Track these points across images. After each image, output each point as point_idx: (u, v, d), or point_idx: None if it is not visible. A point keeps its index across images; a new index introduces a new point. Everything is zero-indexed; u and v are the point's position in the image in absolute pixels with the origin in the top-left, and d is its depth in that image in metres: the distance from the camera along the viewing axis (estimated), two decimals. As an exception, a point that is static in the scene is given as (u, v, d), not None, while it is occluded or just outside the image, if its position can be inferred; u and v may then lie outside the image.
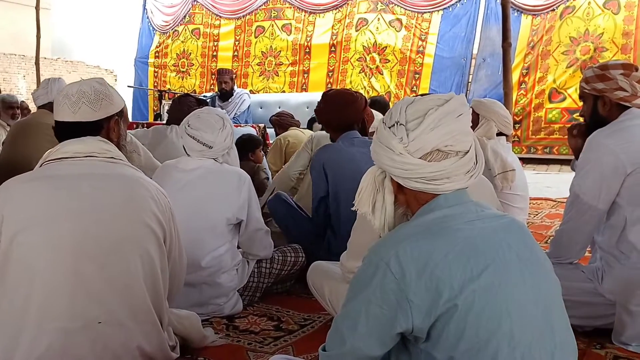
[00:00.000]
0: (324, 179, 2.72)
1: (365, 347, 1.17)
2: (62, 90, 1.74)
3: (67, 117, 1.69)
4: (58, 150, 1.68)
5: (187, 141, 2.45)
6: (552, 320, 1.16)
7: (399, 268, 1.11)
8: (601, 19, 7.51)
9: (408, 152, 1.20)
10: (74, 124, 1.69)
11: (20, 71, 15.26)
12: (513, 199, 3.35)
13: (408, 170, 1.20)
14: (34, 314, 1.53)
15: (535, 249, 1.23)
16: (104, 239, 1.58)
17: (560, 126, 7.69)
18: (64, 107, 1.69)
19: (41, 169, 1.68)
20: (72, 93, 1.70)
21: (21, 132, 3.52)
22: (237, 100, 6.53)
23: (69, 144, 1.68)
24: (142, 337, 1.65)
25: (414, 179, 1.21)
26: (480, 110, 3.30)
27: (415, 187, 1.22)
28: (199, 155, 2.43)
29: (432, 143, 1.18)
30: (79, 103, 1.68)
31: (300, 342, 2.21)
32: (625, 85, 2.12)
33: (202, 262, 2.33)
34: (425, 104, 1.22)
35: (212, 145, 2.42)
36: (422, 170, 1.19)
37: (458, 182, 1.20)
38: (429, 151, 1.19)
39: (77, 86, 1.72)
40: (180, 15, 10.63)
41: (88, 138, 1.69)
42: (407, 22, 8.67)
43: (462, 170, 1.20)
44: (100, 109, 1.71)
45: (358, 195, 1.35)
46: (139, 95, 10.82)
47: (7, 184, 1.63)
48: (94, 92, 1.71)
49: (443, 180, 1.20)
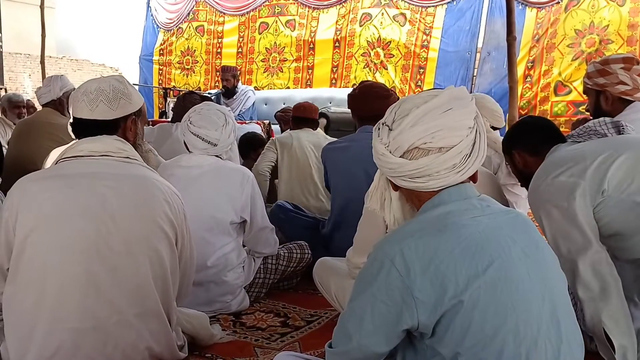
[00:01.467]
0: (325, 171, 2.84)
1: (371, 344, 1.17)
2: (81, 87, 1.73)
3: (84, 114, 1.69)
4: (74, 148, 1.68)
5: (189, 139, 2.42)
6: (558, 314, 1.16)
7: (404, 265, 1.12)
8: (606, 11, 7.46)
9: (389, 152, 1.22)
10: (91, 122, 1.69)
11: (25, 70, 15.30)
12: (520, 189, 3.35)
13: (392, 169, 1.23)
14: (46, 314, 1.54)
15: (540, 244, 1.23)
16: (115, 240, 1.58)
17: (566, 119, 7.65)
18: (81, 104, 1.69)
19: (56, 167, 1.68)
20: (90, 90, 1.69)
21: (25, 130, 3.53)
22: (241, 97, 6.53)
23: (85, 142, 1.68)
24: (151, 337, 1.66)
25: (399, 177, 1.23)
26: None
27: (404, 185, 1.24)
28: (202, 153, 2.41)
29: (409, 141, 1.19)
30: (97, 101, 1.68)
31: (307, 338, 2.22)
32: (626, 79, 2.12)
33: (208, 261, 2.33)
34: (412, 102, 1.22)
35: (216, 143, 2.40)
36: (403, 169, 1.20)
37: (443, 179, 1.19)
38: (406, 149, 1.19)
39: (97, 84, 1.71)
40: (184, 13, 10.62)
41: (104, 137, 1.69)
42: (411, 16, 8.64)
43: (443, 166, 1.18)
44: (118, 108, 1.70)
45: (370, 193, 1.40)
46: (144, 92, 10.80)
47: (21, 182, 1.63)
48: (112, 90, 1.70)
49: (425, 178, 1.20)
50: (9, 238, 1.58)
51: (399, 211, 1.34)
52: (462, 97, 1.22)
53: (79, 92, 1.71)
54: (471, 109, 1.23)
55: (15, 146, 3.53)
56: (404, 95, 8.43)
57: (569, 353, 1.16)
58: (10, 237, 1.57)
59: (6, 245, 1.59)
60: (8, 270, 1.61)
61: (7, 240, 1.59)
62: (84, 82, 1.76)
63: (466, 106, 1.21)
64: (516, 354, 1.10)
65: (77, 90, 1.73)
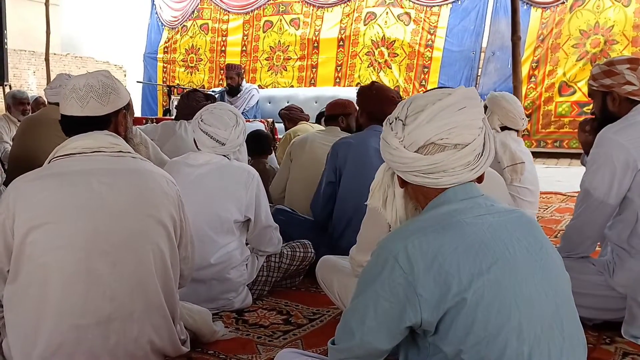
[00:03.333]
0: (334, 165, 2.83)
1: (374, 341, 1.18)
2: (68, 84, 1.70)
3: (75, 112, 1.67)
4: (66, 146, 1.66)
5: (199, 136, 2.43)
6: (561, 314, 1.16)
7: (408, 262, 1.12)
8: (611, 12, 7.45)
9: (404, 146, 1.22)
10: (82, 118, 1.67)
11: (30, 67, 15.34)
12: (523, 193, 3.36)
13: (405, 164, 1.22)
14: (51, 313, 1.54)
15: (545, 244, 1.23)
16: (115, 235, 1.58)
17: (570, 120, 7.65)
18: (71, 102, 1.66)
19: (49, 165, 1.66)
20: (79, 87, 1.67)
21: (31, 127, 3.53)
22: (245, 95, 6.54)
23: (77, 140, 1.66)
24: (154, 332, 1.67)
25: (412, 172, 1.23)
26: (488, 102, 3.43)
27: (415, 181, 1.24)
28: (210, 151, 2.42)
29: (425, 136, 1.19)
30: (87, 97, 1.66)
31: (310, 336, 2.22)
32: (632, 79, 2.11)
33: (211, 258, 2.33)
34: (426, 99, 1.23)
35: (224, 143, 2.41)
36: (417, 164, 1.20)
37: (457, 176, 1.20)
38: (422, 144, 1.19)
39: (85, 80, 1.69)
40: (189, 11, 10.65)
41: (96, 133, 1.67)
42: (416, 15, 8.64)
43: (458, 163, 1.19)
44: (109, 103, 1.69)
45: (371, 190, 1.40)
46: (148, 90, 10.86)
47: (15, 182, 1.61)
48: (102, 86, 1.68)
49: (440, 174, 1.20)
50: (7, 240, 1.57)
51: (402, 209, 1.34)
52: (474, 97, 1.24)
53: (67, 89, 1.69)
54: (481, 109, 1.24)
55: (20, 143, 3.53)
56: (407, 94, 8.44)
57: (571, 352, 1.16)
58: (9, 239, 1.57)
59: (5, 248, 1.58)
60: (8, 272, 1.60)
61: (6, 243, 1.58)
62: (70, 79, 1.73)
63: (477, 106, 1.23)
64: (519, 353, 1.10)
65: (65, 88, 1.70)
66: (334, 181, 2.87)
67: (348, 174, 2.79)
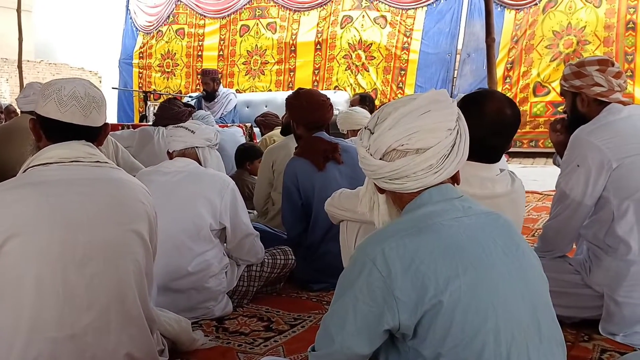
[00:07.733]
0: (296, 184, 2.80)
1: (354, 346, 1.17)
2: (63, 88, 1.61)
3: (77, 120, 1.61)
4: (41, 155, 1.62)
5: (170, 133, 2.50)
6: (539, 315, 1.17)
7: (385, 265, 1.12)
8: (583, 12, 7.57)
9: (370, 154, 1.25)
10: (82, 127, 1.62)
11: (3, 75, 15.09)
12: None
13: (373, 171, 1.25)
14: (25, 326, 1.50)
15: (521, 245, 1.23)
16: (92, 246, 1.55)
17: (545, 119, 7.73)
18: (72, 109, 1.59)
19: (25, 175, 1.61)
20: (81, 95, 1.61)
21: (6, 137, 3.47)
22: (223, 100, 6.51)
23: (54, 149, 1.62)
24: (131, 344, 1.64)
25: (380, 179, 1.25)
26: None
27: (385, 187, 1.27)
28: (182, 146, 2.44)
29: (387, 143, 1.21)
30: (90, 107, 1.62)
31: (291, 342, 2.20)
32: (601, 81, 2.14)
33: (189, 266, 2.30)
34: (392, 106, 1.25)
35: (194, 131, 2.45)
36: (382, 171, 1.23)
37: (420, 180, 1.21)
38: (385, 151, 1.22)
39: (84, 89, 1.62)
40: (164, 16, 10.57)
41: (73, 142, 1.63)
42: (392, 18, 8.69)
43: (419, 167, 1.19)
44: (102, 114, 1.68)
45: (360, 197, 1.43)
46: (124, 96, 10.74)
47: None
48: (100, 97, 1.66)
49: (403, 179, 1.21)
50: None
51: (387, 215, 1.35)
52: (442, 99, 1.24)
53: (60, 93, 1.60)
54: (452, 110, 1.24)
55: (-6, 152, 3.46)
56: (385, 96, 8.48)
57: (549, 353, 1.17)
58: None
59: None
60: None
61: None
62: (57, 81, 1.65)
63: (446, 108, 1.22)
64: (497, 354, 1.10)
65: (59, 92, 1.60)
66: (302, 200, 2.82)
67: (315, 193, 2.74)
